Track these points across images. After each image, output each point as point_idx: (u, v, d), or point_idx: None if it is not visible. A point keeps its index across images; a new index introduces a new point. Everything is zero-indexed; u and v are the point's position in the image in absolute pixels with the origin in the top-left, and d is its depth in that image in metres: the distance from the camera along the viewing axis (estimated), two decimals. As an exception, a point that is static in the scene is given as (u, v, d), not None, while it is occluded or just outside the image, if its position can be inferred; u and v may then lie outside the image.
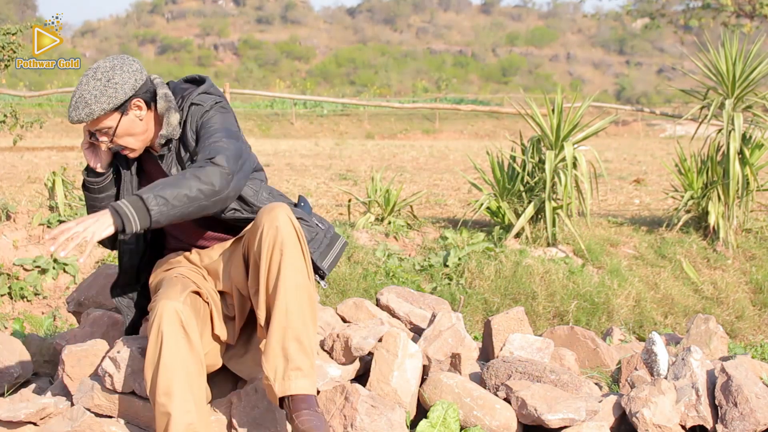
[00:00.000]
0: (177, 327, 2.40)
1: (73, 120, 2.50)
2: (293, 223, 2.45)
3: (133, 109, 2.56)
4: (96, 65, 2.57)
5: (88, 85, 2.51)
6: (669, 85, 32.67)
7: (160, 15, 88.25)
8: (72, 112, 2.50)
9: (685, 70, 7.02)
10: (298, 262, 2.43)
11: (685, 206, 6.53)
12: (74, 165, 9.69)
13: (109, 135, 2.55)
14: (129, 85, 2.53)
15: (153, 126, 2.63)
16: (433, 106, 23.54)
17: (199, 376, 2.43)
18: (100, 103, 2.49)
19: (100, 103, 2.49)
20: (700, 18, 24.74)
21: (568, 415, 2.66)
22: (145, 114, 2.60)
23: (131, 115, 2.56)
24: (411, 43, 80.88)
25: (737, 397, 2.73)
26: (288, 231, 2.42)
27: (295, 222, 2.46)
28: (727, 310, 5.66)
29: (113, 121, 2.54)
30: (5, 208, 5.53)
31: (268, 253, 2.42)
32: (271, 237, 2.42)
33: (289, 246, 2.42)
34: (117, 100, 2.51)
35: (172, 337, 2.39)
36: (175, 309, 2.41)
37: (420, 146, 17.83)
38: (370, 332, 2.80)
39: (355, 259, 5.55)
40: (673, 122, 24.17)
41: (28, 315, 4.94)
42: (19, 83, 30.57)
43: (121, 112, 2.54)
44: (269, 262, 2.42)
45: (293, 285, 2.41)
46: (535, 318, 5.24)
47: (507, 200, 6.08)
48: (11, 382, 2.99)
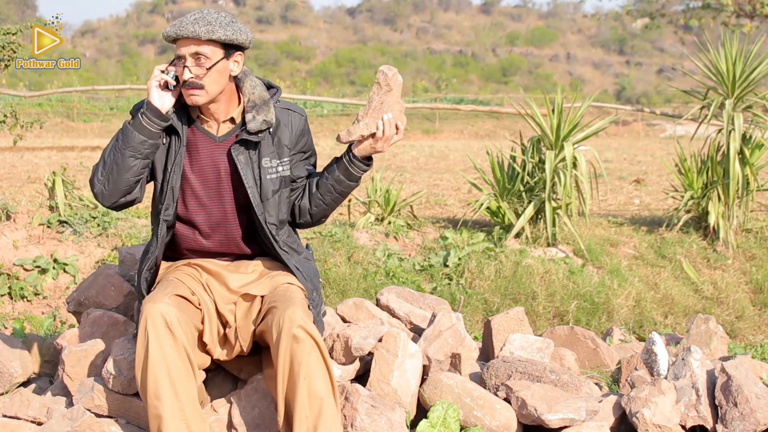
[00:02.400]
0: (162, 329, 2.39)
1: (187, 32, 2.44)
2: (310, 332, 2.43)
3: (234, 59, 2.56)
4: (215, 9, 2.56)
5: (212, 13, 2.50)
6: (669, 85, 32.69)
7: (160, 15, 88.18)
8: (188, 24, 2.45)
9: (685, 70, 7.02)
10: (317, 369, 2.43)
11: (685, 206, 6.52)
12: (74, 165, 9.70)
13: (203, 66, 2.49)
14: (248, 35, 2.56)
15: (227, 95, 2.61)
16: (433, 106, 23.52)
17: (188, 376, 2.41)
18: (224, 29, 2.48)
19: (223, 29, 2.48)
20: (700, 18, 24.71)
21: (568, 415, 2.66)
22: (236, 74, 2.59)
23: (230, 63, 2.55)
24: (411, 43, 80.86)
25: (737, 397, 2.73)
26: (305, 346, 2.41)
27: (312, 331, 2.44)
28: (727, 310, 5.66)
29: (217, 55, 2.50)
30: (5, 208, 5.53)
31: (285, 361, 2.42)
32: (288, 346, 2.41)
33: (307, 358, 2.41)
34: (236, 36, 2.50)
35: (157, 339, 2.38)
36: (160, 311, 2.40)
37: (420, 146, 17.84)
38: (370, 332, 2.80)
39: (355, 259, 5.54)
40: (673, 122, 24.17)
41: (28, 315, 4.94)
42: (19, 83, 30.58)
43: (226, 54, 2.52)
44: (287, 375, 2.42)
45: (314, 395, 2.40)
46: (535, 318, 5.24)
47: (507, 200, 6.08)
48: (11, 382, 2.98)
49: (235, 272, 2.67)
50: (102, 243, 5.54)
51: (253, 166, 2.60)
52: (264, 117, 2.58)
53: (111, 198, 2.57)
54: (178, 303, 2.48)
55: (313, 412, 2.37)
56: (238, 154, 2.58)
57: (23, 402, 2.78)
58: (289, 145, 2.65)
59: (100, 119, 25.59)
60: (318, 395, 2.38)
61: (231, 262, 2.72)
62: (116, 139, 2.55)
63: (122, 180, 2.54)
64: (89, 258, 5.42)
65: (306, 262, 2.73)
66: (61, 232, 5.53)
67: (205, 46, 2.48)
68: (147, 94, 2.54)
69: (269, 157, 2.62)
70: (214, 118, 2.62)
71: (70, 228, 5.55)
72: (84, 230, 5.55)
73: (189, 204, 2.64)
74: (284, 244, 2.68)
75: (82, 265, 5.38)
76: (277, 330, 2.42)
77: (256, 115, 2.58)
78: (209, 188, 2.63)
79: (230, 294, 2.63)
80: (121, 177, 2.53)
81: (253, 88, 2.62)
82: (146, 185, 2.67)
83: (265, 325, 2.51)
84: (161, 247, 2.64)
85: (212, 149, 2.61)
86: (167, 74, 2.52)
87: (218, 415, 2.66)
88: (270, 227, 2.63)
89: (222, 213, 2.65)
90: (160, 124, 2.53)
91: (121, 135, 2.54)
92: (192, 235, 2.68)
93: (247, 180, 2.59)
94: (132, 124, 2.53)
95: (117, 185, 2.55)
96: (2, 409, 2.78)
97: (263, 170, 2.61)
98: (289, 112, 2.68)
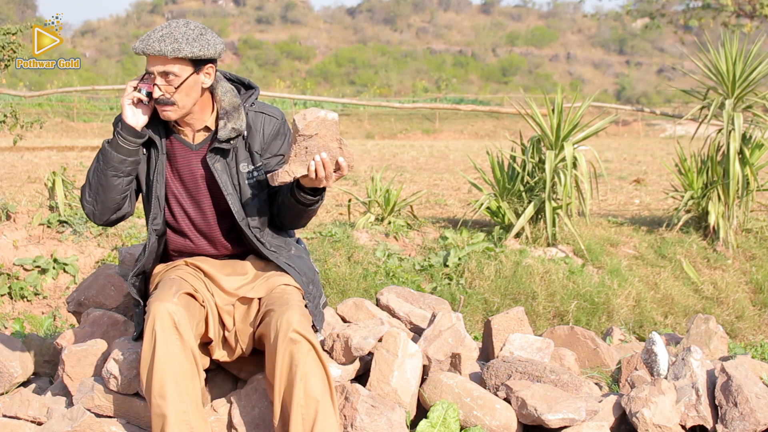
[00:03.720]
0: (170, 328, 2.39)
1: (153, 50, 2.42)
2: (306, 336, 2.43)
3: (205, 72, 2.53)
4: (184, 20, 2.53)
5: (179, 27, 2.46)
6: (669, 85, 32.70)
7: (160, 15, 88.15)
8: (154, 42, 2.42)
9: (685, 70, 7.02)
10: (314, 371, 2.43)
11: (685, 206, 6.52)
12: (74, 165, 9.69)
13: (173, 84, 2.48)
14: (217, 48, 2.52)
15: (201, 105, 2.59)
16: (433, 106, 23.54)
17: (193, 377, 2.42)
18: (191, 46, 2.44)
19: (190, 46, 2.44)
20: (700, 18, 24.72)
21: (568, 415, 2.66)
22: (207, 86, 2.57)
23: (201, 76, 2.53)
24: (411, 43, 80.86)
25: (737, 397, 2.73)
26: (302, 348, 2.41)
27: (308, 334, 2.45)
28: (727, 310, 5.65)
29: (185, 72, 2.48)
30: (5, 208, 5.52)
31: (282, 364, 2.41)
32: (285, 349, 2.41)
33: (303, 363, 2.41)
34: (203, 52, 2.47)
35: (165, 338, 2.39)
36: (168, 310, 2.41)
37: (420, 146, 17.84)
38: (370, 332, 2.80)
39: (355, 259, 5.54)
40: (673, 122, 24.17)
41: (28, 315, 4.93)
42: (19, 83, 30.59)
43: (195, 69, 2.50)
44: (284, 377, 2.42)
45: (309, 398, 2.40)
46: (535, 318, 5.24)
47: (507, 200, 6.08)
48: (11, 382, 2.98)
49: (231, 274, 2.67)
50: (102, 243, 5.54)
51: (231, 173, 2.61)
52: (233, 125, 2.57)
53: (102, 217, 2.61)
54: (186, 302, 2.50)
55: (309, 414, 2.37)
56: (214, 162, 2.59)
57: (23, 402, 2.78)
58: (259, 150, 2.64)
59: (100, 119, 25.59)
60: (314, 397, 2.38)
61: (226, 261, 2.73)
62: (97, 160, 2.56)
63: (109, 199, 2.57)
64: (89, 258, 5.42)
65: (297, 258, 2.73)
66: (61, 232, 5.53)
67: (173, 64, 2.46)
68: (121, 113, 2.55)
69: (246, 162, 2.63)
70: (189, 126, 2.63)
71: (70, 228, 5.55)
72: (84, 230, 5.55)
73: (174, 211, 2.67)
74: (270, 244, 2.69)
75: (82, 265, 5.38)
76: (274, 333, 2.42)
77: (227, 122, 2.58)
78: (190, 196, 2.65)
79: (227, 296, 2.64)
80: (108, 196, 2.57)
81: (223, 94, 2.61)
82: (136, 198, 2.71)
83: (263, 328, 2.51)
84: (149, 255, 2.66)
85: (189, 157, 2.63)
86: (139, 91, 2.52)
87: (218, 415, 2.66)
88: (253, 230, 2.65)
89: (203, 219, 2.67)
90: (136, 141, 2.55)
91: (101, 156, 2.55)
92: (182, 240, 2.71)
93: (226, 187, 2.60)
94: (110, 144, 2.55)
95: (105, 204, 2.58)
96: (2, 409, 2.78)
97: (241, 175, 2.62)
98: (262, 116, 2.66)
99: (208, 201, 2.65)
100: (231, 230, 2.70)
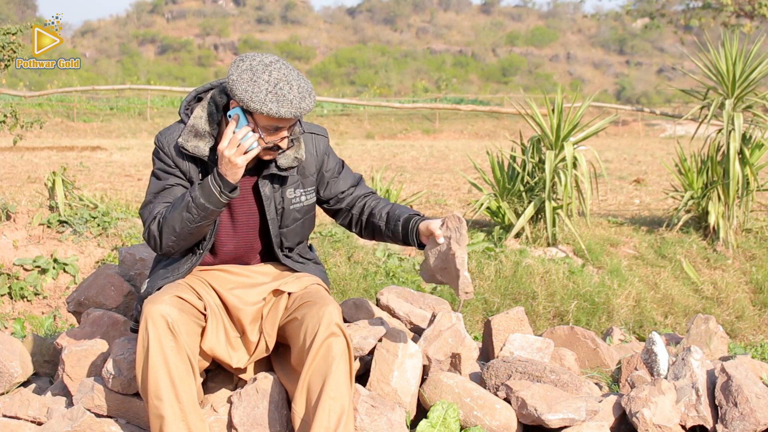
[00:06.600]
0: (163, 330, 2.40)
1: (304, 111, 2.37)
2: (345, 332, 2.46)
3: None
4: (282, 62, 2.43)
5: (300, 79, 2.41)
6: (669, 85, 32.70)
7: (160, 15, 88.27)
8: (299, 102, 2.36)
9: (685, 70, 7.02)
10: (346, 372, 2.44)
11: (685, 206, 6.53)
12: (74, 165, 9.70)
13: (291, 132, 2.49)
14: None
15: None
16: (433, 106, 23.55)
17: (188, 377, 2.42)
18: (313, 95, 2.43)
19: (313, 96, 2.44)
20: (700, 18, 24.75)
21: (568, 415, 2.66)
22: None
23: None
24: (411, 43, 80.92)
25: (737, 397, 2.73)
26: (341, 343, 2.44)
27: (347, 331, 2.48)
28: (727, 310, 5.66)
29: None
30: (5, 208, 5.52)
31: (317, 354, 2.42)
32: (324, 340, 2.42)
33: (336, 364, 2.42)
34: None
35: (158, 340, 2.39)
36: (161, 312, 2.41)
37: (420, 146, 17.85)
38: (370, 332, 2.80)
39: (355, 259, 5.55)
40: (673, 122, 24.18)
41: (28, 315, 4.94)
42: (19, 83, 30.61)
43: None
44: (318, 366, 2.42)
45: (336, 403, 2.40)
46: (535, 318, 5.24)
47: (507, 200, 6.08)
48: (11, 382, 2.98)
49: (256, 272, 2.71)
50: (102, 243, 5.54)
51: (275, 197, 2.62)
52: (295, 154, 2.57)
53: (179, 252, 2.61)
54: (180, 304, 2.49)
55: (336, 407, 2.39)
56: (264, 186, 2.59)
57: (23, 402, 2.78)
58: (314, 173, 2.68)
59: (100, 119, 25.60)
60: (344, 392, 2.41)
61: (246, 266, 2.75)
62: (187, 211, 2.46)
63: (194, 241, 2.57)
64: (89, 258, 5.42)
65: (315, 266, 2.80)
66: (61, 232, 5.53)
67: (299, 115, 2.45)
68: (222, 168, 2.41)
69: (293, 188, 2.64)
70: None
71: (70, 228, 5.55)
72: (84, 230, 5.55)
73: (220, 235, 2.65)
74: (297, 256, 2.76)
75: (82, 265, 5.38)
76: (315, 322, 2.45)
77: (288, 150, 2.57)
78: (239, 221, 2.65)
79: (254, 292, 2.64)
80: (194, 239, 2.56)
81: (299, 130, 2.61)
82: None
83: (298, 317, 2.53)
84: (187, 271, 2.64)
85: (241, 182, 2.58)
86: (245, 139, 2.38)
87: (218, 415, 2.66)
88: (284, 250, 2.70)
89: (248, 243, 2.69)
90: (234, 195, 2.50)
91: (196, 210, 2.45)
92: (211, 260, 2.71)
93: (270, 212, 2.61)
94: (209, 202, 2.44)
95: (188, 244, 2.57)
96: (2, 409, 2.78)
97: (286, 201, 2.63)
98: (314, 137, 2.68)
99: (255, 224, 2.67)
100: (262, 249, 2.73)
